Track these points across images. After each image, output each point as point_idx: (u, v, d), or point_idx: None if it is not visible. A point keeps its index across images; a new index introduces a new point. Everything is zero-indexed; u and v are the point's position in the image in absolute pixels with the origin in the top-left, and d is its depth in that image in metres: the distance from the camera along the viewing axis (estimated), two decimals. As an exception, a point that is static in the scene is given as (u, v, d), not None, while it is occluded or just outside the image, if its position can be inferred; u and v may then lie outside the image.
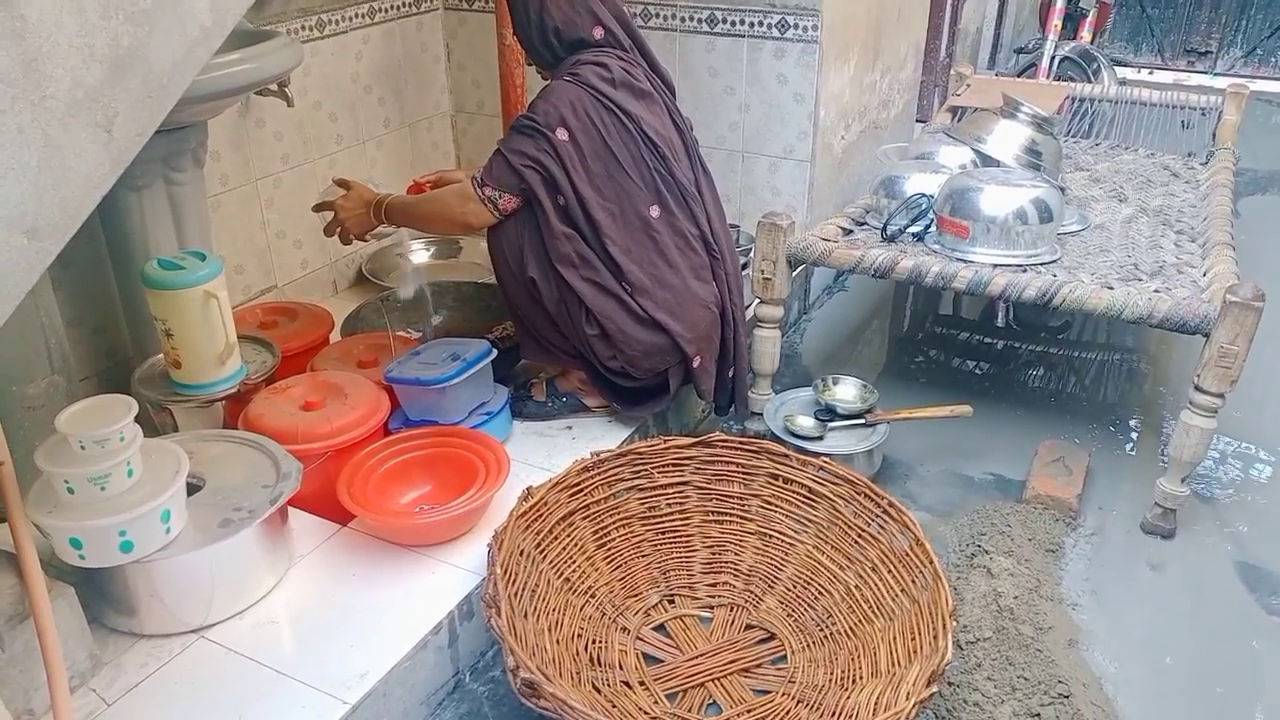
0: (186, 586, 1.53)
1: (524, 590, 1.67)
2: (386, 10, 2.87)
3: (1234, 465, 2.37)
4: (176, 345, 1.83)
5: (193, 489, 1.61)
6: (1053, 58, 4.02)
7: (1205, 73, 6.35)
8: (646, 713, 1.60)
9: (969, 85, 3.48)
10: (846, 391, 2.34)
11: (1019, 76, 4.15)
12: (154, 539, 1.46)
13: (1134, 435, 2.50)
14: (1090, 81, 3.94)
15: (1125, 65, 5.63)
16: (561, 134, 1.88)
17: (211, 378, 1.87)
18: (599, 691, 1.63)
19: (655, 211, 1.97)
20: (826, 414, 2.28)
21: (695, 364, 2.05)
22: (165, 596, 1.52)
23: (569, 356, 2.07)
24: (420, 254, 3.10)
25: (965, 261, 2.20)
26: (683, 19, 2.79)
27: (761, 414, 2.33)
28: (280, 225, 2.68)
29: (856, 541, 1.84)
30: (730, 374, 2.17)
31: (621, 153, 1.93)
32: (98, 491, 1.41)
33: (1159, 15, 6.36)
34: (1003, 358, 2.92)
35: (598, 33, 1.96)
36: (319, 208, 2.12)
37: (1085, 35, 4.21)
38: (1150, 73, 6.27)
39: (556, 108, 1.89)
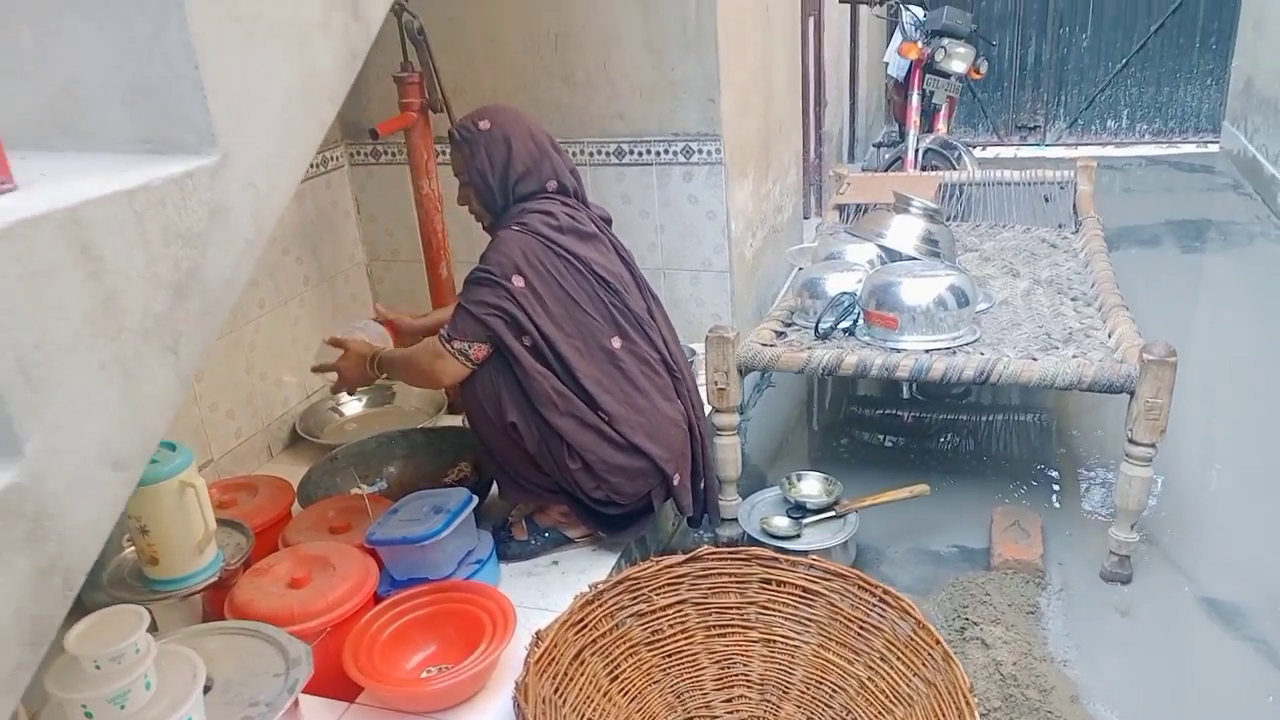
0: (212, 798, 1.44)
1: (554, 739, 1.65)
2: (298, 172, 2.90)
3: (1169, 504, 2.54)
4: (153, 541, 1.75)
5: (203, 690, 1.53)
6: (917, 150, 4.37)
7: (1037, 145, 7.01)
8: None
9: (849, 184, 3.75)
10: (812, 486, 2.43)
11: (888, 170, 4.49)
12: (180, 753, 1.39)
13: (1059, 487, 2.67)
14: (954, 168, 4.30)
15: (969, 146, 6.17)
16: (518, 281, 1.95)
17: (191, 569, 1.80)
18: (647, 831, 1.61)
19: (617, 342, 2.05)
20: (798, 511, 2.36)
21: (675, 481, 2.10)
22: (190, 813, 1.43)
23: (550, 493, 2.09)
24: (354, 404, 3.07)
25: (900, 350, 2.36)
26: (591, 154, 2.93)
27: (736, 519, 2.39)
28: (213, 398, 2.62)
29: (860, 633, 1.90)
30: (702, 485, 2.23)
31: (577, 293, 2.01)
32: (117, 711, 1.33)
33: (989, 99, 7.09)
34: (918, 430, 3.10)
35: (551, 185, 2.06)
36: (320, 369, 2.21)
37: (941, 127, 4.61)
38: (984, 149, 6.87)
39: (509, 256, 1.95)
